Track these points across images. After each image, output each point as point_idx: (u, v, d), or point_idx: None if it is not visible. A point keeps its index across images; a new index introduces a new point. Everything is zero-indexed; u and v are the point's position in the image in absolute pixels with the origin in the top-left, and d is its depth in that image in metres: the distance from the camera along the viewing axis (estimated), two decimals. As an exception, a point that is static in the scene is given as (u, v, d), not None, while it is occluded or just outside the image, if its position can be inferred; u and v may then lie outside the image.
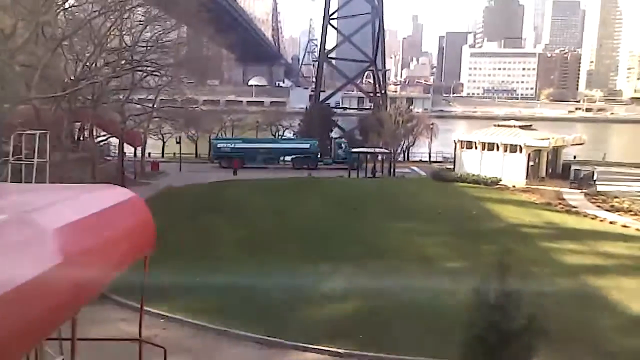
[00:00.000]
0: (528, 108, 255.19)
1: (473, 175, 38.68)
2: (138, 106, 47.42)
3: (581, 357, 13.13)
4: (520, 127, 40.78)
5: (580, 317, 15.24)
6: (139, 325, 7.29)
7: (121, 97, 43.67)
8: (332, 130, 68.83)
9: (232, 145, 55.29)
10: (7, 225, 4.83)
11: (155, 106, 48.58)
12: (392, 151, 47.10)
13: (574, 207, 31.06)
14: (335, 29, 69.70)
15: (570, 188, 36.46)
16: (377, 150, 47.25)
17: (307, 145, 53.97)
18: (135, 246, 6.89)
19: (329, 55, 68.88)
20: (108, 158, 49.24)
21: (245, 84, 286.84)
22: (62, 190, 7.58)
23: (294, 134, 67.77)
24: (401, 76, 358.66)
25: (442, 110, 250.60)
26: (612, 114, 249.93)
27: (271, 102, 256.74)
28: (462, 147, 40.68)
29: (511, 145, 38.10)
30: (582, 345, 13.45)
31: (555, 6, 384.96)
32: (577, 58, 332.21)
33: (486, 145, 39.19)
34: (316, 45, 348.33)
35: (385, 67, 69.19)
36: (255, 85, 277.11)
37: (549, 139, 38.90)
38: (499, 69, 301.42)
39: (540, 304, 10.48)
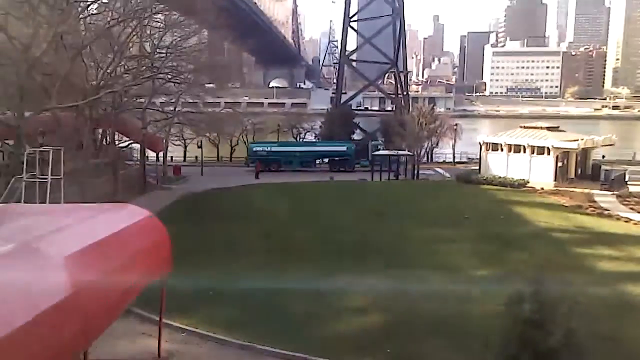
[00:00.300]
0: (552, 106, 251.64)
1: (499, 177, 37.74)
2: (159, 112, 47.43)
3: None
4: (548, 128, 39.68)
5: (619, 329, 14.41)
6: (157, 344, 6.83)
7: (143, 101, 43.74)
8: (354, 132, 68.38)
9: (269, 149, 55.70)
10: (14, 256, 4.45)
11: (176, 111, 48.60)
12: (415, 153, 46.24)
13: (606, 209, 29.97)
14: (356, 31, 69.19)
15: (601, 190, 35.29)
16: (400, 152, 46.49)
17: (344, 148, 53.61)
18: (150, 268, 6.48)
19: (350, 58, 68.33)
20: (129, 163, 49.35)
21: (266, 86, 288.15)
22: (74, 211, 7.21)
23: (315, 137, 67.33)
24: (423, 76, 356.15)
25: (465, 110, 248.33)
26: (639, 111, 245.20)
27: (292, 103, 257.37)
28: (487, 149, 39.72)
29: (538, 147, 37.07)
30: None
31: (579, 4, 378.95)
32: (602, 55, 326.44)
33: (512, 147, 38.20)
34: (336, 47, 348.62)
35: (406, 69, 68.35)
36: (276, 87, 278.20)
37: (577, 140, 37.78)
38: (522, 67, 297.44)
39: (577, 316, 9.81)
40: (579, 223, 26.60)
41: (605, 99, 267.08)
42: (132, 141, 46.23)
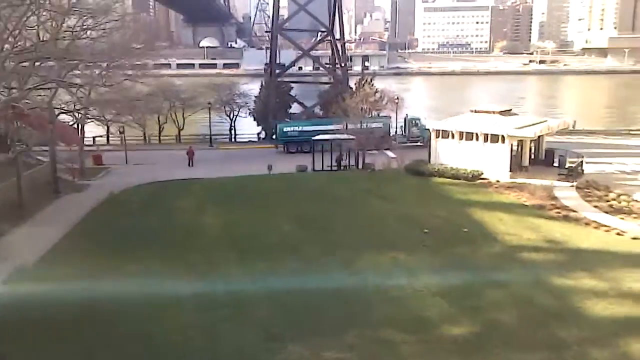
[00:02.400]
0: (483, 62, 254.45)
1: (452, 168, 34.92)
2: (68, 98, 41.48)
3: None
4: (500, 112, 36.94)
5: None
6: None
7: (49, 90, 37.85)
8: (290, 107, 64.17)
9: (300, 128, 52.11)
10: None
11: (89, 96, 42.67)
12: (358, 138, 42.42)
13: (570, 209, 27.81)
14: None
15: (558, 180, 33.26)
16: (342, 137, 42.78)
17: (380, 124, 48.91)
18: None
19: (282, 27, 63.32)
20: (41, 160, 43.41)
21: (196, 45, 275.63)
22: None
23: (249, 113, 62.69)
24: (355, 33, 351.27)
25: (398, 67, 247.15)
26: (565, 65, 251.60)
27: (224, 64, 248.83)
28: (437, 137, 36.59)
29: (492, 135, 34.43)
30: None
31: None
32: (528, 10, 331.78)
33: (464, 134, 35.43)
34: (267, 4, 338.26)
35: (343, 37, 64.00)
36: (207, 47, 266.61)
37: (532, 125, 35.33)
38: (453, 23, 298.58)
39: None
40: (549, 235, 23.98)
41: (532, 53, 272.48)
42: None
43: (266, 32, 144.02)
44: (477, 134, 34.90)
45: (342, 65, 62.38)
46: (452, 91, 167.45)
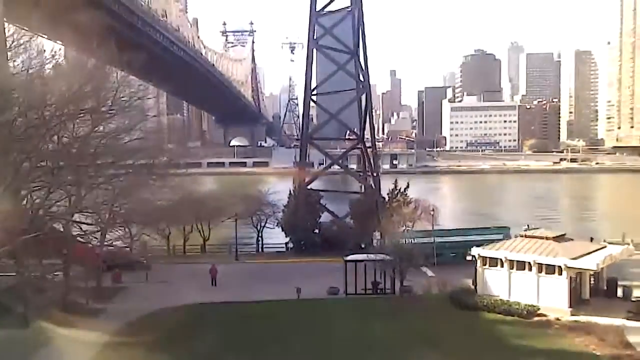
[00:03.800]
0: (513, 160, 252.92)
1: (503, 302, 31.11)
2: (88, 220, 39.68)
3: None
4: (554, 239, 33.39)
5: None
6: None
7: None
8: (319, 216, 61.45)
9: (414, 241, 47.50)
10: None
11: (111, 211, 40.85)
12: (397, 259, 38.98)
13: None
14: (317, 104, 63.46)
15: (627, 319, 29.15)
16: (378, 257, 39.48)
17: (501, 235, 45.36)
18: None
19: (312, 136, 62.25)
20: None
21: (227, 144, 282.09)
22: None
23: (277, 224, 60.23)
24: (383, 132, 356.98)
25: (426, 166, 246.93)
26: (597, 163, 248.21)
27: (254, 162, 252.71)
28: (483, 264, 33.21)
29: (547, 265, 30.93)
30: None
31: (529, 58, 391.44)
32: (555, 109, 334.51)
33: (515, 263, 31.98)
34: (297, 105, 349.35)
35: (375, 146, 62.47)
36: (237, 146, 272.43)
37: (591, 253, 31.72)
38: (480, 122, 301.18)
39: None
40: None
41: (562, 151, 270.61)
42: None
43: (296, 139, 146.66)
44: (530, 263, 31.30)
45: (375, 174, 60.18)
46: (483, 191, 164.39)
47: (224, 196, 64.27)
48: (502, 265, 32.36)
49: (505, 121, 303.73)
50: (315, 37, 59.36)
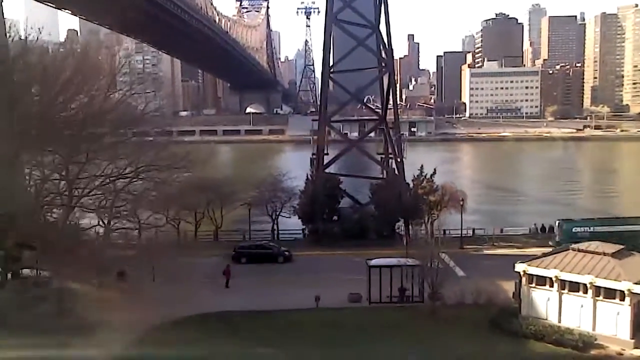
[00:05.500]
0: (535, 127, 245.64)
1: (553, 329, 27.81)
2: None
3: None
4: (613, 255, 28.98)
5: None
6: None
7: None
8: (339, 202, 57.74)
9: (592, 229, 44.98)
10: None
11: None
12: (427, 264, 35.29)
13: None
14: (337, 83, 59.19)
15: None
16: (408, 262, 35.78)
17: None
18: None
19: (331, 119, 58.23)
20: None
21: (242, 112, 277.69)
22: None
23: (294, 211, 56.77)
24: (401, 98, 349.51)
25: (446, 133, 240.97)
26: (622, 130, 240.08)
27: (270, 130, 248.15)
28: (529, 282, 29.56)
29: (606, 289, 27.30)
30: None
31: (551, 21, 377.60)
32: (579, 74, 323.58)
33: (567, 284, 28.51)
34: (313, 71, 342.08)
35: (399, 128, 58.32)
36: (252, 113, 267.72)
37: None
38: (501, 88, 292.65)
39: None
40: None
41: (586, 118, 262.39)
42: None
43: (312, 110, 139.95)
44: (585, 285, 27.48)
45: (399, 159, 56.09)
46: (504, 161, 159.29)
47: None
48: (551, 285, 28.67)
49: (526, 87, 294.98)
50: (333, 11, 54.86)
